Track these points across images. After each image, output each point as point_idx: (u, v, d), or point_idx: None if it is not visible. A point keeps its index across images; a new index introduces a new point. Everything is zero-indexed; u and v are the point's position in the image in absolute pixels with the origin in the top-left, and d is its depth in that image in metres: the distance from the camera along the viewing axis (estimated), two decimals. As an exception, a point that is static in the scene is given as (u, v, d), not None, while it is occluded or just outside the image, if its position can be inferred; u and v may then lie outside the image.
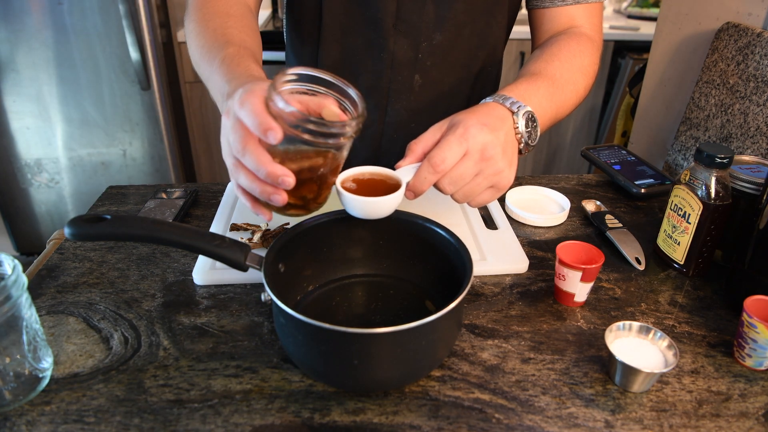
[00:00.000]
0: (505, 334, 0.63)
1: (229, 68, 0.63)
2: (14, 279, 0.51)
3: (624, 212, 0.90)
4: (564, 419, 0.52)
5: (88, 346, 0.60)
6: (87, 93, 2.00)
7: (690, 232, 0.70)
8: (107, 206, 0.90)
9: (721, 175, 0.67)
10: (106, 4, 1.86)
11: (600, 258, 0.66)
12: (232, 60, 0.64)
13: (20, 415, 0.52)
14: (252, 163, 0.51)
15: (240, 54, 0.66)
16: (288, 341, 0.53)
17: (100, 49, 1.93)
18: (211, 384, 0.55)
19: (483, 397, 0.55)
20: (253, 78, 0.60)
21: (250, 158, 0.51)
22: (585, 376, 0.57)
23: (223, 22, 0.73)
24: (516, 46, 2.39)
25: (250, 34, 0.73)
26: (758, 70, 0.90)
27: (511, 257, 0.75)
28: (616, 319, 0.66)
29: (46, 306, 0.66)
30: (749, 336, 0.57)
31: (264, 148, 0.52)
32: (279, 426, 0.51)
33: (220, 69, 0.64)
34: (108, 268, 0.73)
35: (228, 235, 0.63)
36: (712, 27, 1.12)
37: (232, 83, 0.60)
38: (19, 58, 1.93)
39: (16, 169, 2.13)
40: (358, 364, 0.51)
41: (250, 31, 0.74)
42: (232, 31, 0.71)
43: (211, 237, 0.55)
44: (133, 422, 0.51)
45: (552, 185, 0.98)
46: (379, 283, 0.68)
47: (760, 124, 0.87)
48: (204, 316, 0.65)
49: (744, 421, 0.53)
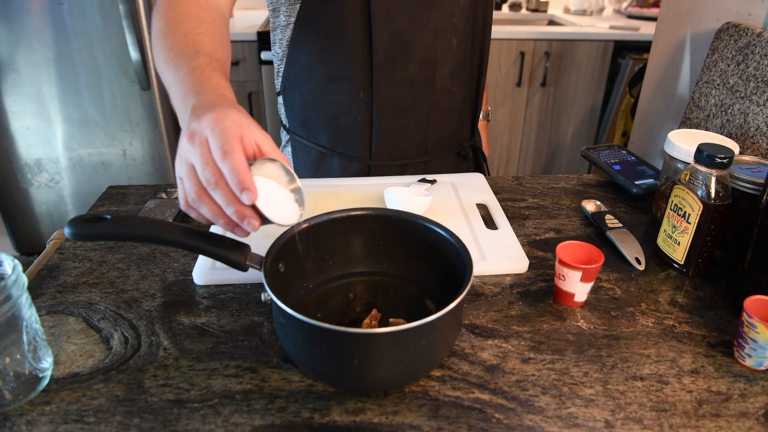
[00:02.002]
0: (505, 334, 0.63)
1: (199, 80, 0.61)
2: (14, 279, 0.51)
3: (624, 212, 0.90)
4: (564, 419, 0.52)
5: (88, 346, 0.60)
6: (87, 93, 2.00)
7: (690, 232, 0.70)
8: (107, 206, 0.90)
9: (721, 175, 0.67)
10: (106, 4, 1.86)
11: (600, 258, 0.66)
12: (202, 72, 0.62)
13: (20, 415, 0.52)
14: (222, 200, 0.51)
15: (211, 66, 0.63)
16: (288, 341, 0.53)
17: (100, 49, 1.93)
18: (211, 384, 0.55)
19: (483, 397, 0.55)
20: (224, 98, 0.58)
21: (222, 195, 0.50)
22: (585, 376, 0.57)
23: (195, 27, 0.70)
24: (516, 46, 2.39)
25: (221, 43, 0.71)
26: (758, 70, 0.90)
27: (511, 257, 0.75)
28: (616, 319, 0.66)
29: (46, 306, 0.66)
30: (749, 336, 0.57)
31: None
32: (279, 426, 0.51)
33: (188, 78, 0.62)
34: (108, 268, 0.73)
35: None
36: (712, 27, 1.12)
37: (200, 97, 0.58)
38: (19, 58, 1.93)
39: (16, 169, 2.13)
40: (358, 364, 0.51)
41: (221, 40, 0.71)
42: (203, 38, 0.69)
43: (211, 237, 0.55)
44: (133, 422, 0.51)
45: (552, 185, 0.98)
46: (379, 283, 0.68)
47: (760, 124, 0.87)
48: (204, 316, 0.65)
49: (744, 421, 0.53)
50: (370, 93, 0.91)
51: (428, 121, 0.97)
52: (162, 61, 0.68)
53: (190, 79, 0.61)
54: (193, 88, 0.60)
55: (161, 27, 0.71)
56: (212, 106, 0.54)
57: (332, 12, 0.86)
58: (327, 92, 0.93)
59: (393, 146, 0.97)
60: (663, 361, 0.60)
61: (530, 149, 2.67)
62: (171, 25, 0.70)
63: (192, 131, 0.52)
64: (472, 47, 0.96)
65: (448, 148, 1.03)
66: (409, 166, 1.00)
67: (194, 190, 0.52)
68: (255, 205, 0.51)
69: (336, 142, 0.97)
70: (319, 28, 0.88)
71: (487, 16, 0.96)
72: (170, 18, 0.71)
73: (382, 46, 0.87)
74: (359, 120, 0.94)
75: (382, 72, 0.89)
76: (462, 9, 0.90)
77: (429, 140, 0.99)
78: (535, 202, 0.93)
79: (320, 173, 1.00)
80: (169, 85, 0.65)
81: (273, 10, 0.94)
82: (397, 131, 0.95)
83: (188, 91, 0.60)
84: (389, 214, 0.67)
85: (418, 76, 0.92)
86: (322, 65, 0.91)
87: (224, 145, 0.50)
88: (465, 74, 0.97)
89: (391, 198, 0.82)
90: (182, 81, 0.62)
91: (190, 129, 0.52)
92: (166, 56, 0.67)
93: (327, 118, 0.95)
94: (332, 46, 0.89)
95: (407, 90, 0.92)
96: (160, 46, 0.69)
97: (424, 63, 0.91)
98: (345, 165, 0.98)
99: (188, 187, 0.53)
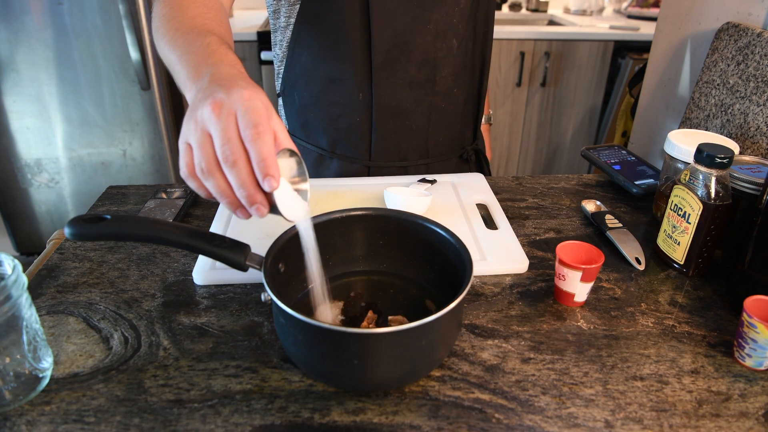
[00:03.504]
0: (505, 334, 0.63)
1: (215, 53, 0.58)
2: (14, 279, 0.51)
3: (624, 212, 0.90)
4: (564, 419, 0.52)
5: (88, 346, 0.60)
6: (87, 93, 2.00)
7: (690, 232, 0.70)
8: (107, 206, 0.90)
9: (721, 175, 0.67)
10: (106, 4, 1.86)
11: (600, 258, 0.66)
12: (218, 47, 0.59)
13: (20, 415, 0.52)
14: (236, 180, 0.48)
15: (225, 45, 0.61)
16: (288, 341, 0.53)
17: (100, 49, 1.93)
18: (211, 384, 0.55)
19: (483, 397, 0.55)
20: (244, 75, 0.56)
21: (237, 175, 0.48)
22: (585, 376, 0.57)
23: (203, 12, 0.69)
24: (516, 46, 2.39)
25: (227, 31, 0.70)
26: (758, 70, 0.90)
27: (511, 257, 0.75)
28: (616, 319, 0.66)
29: (46, 306, 0.66)
30: (749, 336, 0.57)
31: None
32: (279, 426, 0.51)
33: (203, 51, 0.59)
34: (108, 268, 0.73)
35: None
36: (712, 27, 1.12)
37: (220, 68, 0.55)
38: (19, 58, 1.93)
39: (16, 169, 2.13)
40: (358, 364, 0.51)
41: (227, 29, 0.70)
42: (212, 23, 0.67)
43: (211, 237, 0.55)
44: (133, 422, 0.51)
45: (552, 185, 0.98)
46: (379, 283, 0.68)
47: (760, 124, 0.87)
48: (204, 316, 0.65)
49: (744, 421, 0.53)
50: (369, 94, 0.91)
51: (429, 123, 0.97)
52: (168, 39, 0.65)
53: (205, 51, 0.59)
54: (210, 59, 0.57)
55: (166, 12, 0.69)
56: (237, 80, 0.52)
57: (332, 12, 0.86)
58: (327, 93, 0.93)
59: (393, 148, 0.97)
60: (663, 361, 0.60)
61: (530, 149, 2.67)
62: (177, 10, 0.68)
63: (219, 101, 0.49)
64: (473, 49, 0.96)
65: (450, 151, 1.03)
66: (409, 168, 1.00)
67: (205, 161, 0.49)
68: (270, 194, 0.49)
69: (335, 143, 0.97)
70: (318, 28, 0.88)
71: (488, 18, 0.96)
72: (175, 3, 0.69)
73: (381, 47, 0.87)
74: (359, 121, 0.94)
75: (382, 73, 0.89)
76: (463, 10, 0.90)
77: (430, 142, 0.99)
78: (535, 202, 0.93)
79: (319, 175, 1.00)
80: (177, 58, 0.62)
81: (273, 11, 0.94)
82: (397, 133, 0.95)
83: (204, 61, 0.57)
84: (389, 214, 0.67)
85: (418, 78, 0.91)
86: (322, 66, 0.91)
87: (258, 126, 0.48)
88: (466, 76, 0.97)
89: (391, 198, 0.82)
90: (195, 53, 0.59)
91: (217, 98, 0.49)
92: (173, 35, 0.65)
93: (327, 120, 0.95)
94: (332, 46, 0.89)
95: (407, 91, 0.92)
96: (165, 28, 0.67)
97: (424, 64, 0.91)
98: (344, 167, 0.98)
99: (199, 157, 0.49)
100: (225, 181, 0.49)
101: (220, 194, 0.50)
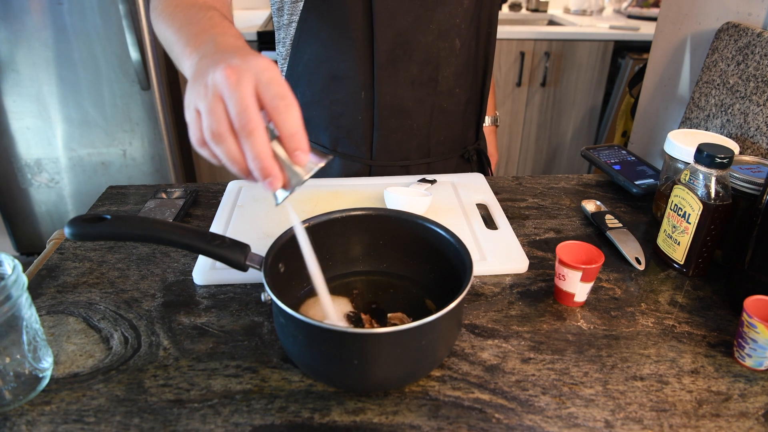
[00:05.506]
0: (505, 334, 0.63)
1: (220, 24, 0.56)
2: (14, 279, 0.51)
3: (624, 212, 0.90)
4: (564, 419, 0.52)
5: (88, 346, 0.60)
6: (87, 93, 2.01)
7: (690, 232, 0.70)
8: (107, 206, 0.90)
9: (721, 175, 0.67)
10: (106, 4, 1.86)
11: (600, 258, 0.66)
12: (221, 20, 0.58)
13: (20, 415, 0.52)
14: (252, 150, 0.46)
15: (227, 20, 0.59)
16: (288, 341, 0.53)
17: (100, 49, 1.93)
18: (211, 384, 0.55)
19: (483, 397, 0.55)
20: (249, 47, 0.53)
21: (253, 146, 0.45)
22: (585, 376, 0.57)
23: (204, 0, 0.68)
24: (516, 46, 2.39)
25: (229, 12, 0.68)
26: (758, 70, 0.90)
27: (511, 257, 0.75)
28: (616, 319, 0.66)
29: (46, 306, 0.66)
30: (749, 336, 0.57)
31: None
32: (279, 426, 0.51)
33: (206, 21, 0.57)
34: (108, 268, 0.73)
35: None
36: (712, 27, 1.12)
37: (225, 38, 0.53)
38: (19, 58, 1.93)
39: (16, 169, 2.13)
40: (358, 364, 0.51)
41: (228, 10, 0.69)
42: (213, 1, 0.67)
43: (211, 237, 0.55)
44: (133, 422, 0.51)
45: (552, 185, 0.98)
46: (380, 283, 0.68)
47: (760, 124, 0.87)
48: (204, 316, 0.65)
49: (744, 421, 0.53)
50: (371, 93, 0.91)
51: (431, 123, 0.97)
52: (168, 14, 0.62)
53: (207, 22, 0.57)
54: (213, 30, 0.55)
55: None
56: (246, 49, 0.50)
57: (335, 10, 0.86)
58: (329, 91, 0.93)
59: (394, 147, 0.97)
60: (663, 361, 0.60)
61: (530, 149, 2.67)
62: None
63: (236, 67, 0.46)
64: (476, 49, 0.96)
65: (452, 150, 1.03)
66: (411, 168, 1.00)
67: (216, 125, 0.46)
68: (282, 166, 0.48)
69: (337, 142, 0.97)
70: (322, 26, 0.89)
71: (492, 18, 0.96)
72: None
73: (384, 46, 0.87)
74: (360, 120, 0.94)
75: (384, 72, 0.89)
76: (466, 11, 0.90)
77: (432, 141, 0.99)
78: (535, 202, 0.93)
79: (320, 174, 1.00)
80: (176, 29, 0.59)
81: (277, 9, 0.94)
82: (398, 132, 0.95)
83: (206, 30, 0.55)
84: (389, 214, 0.67)
85: (420, 77, 0.91)
86: (325, 64, 0.91)
87: (286, 98, 0.45)
88: (469, 76, 0.97)
89: (391, 198, 0.82)
90: (196, 24, 0.57)
91: (232, 64, 0.46)
92: (172, 10, 0.62)
93: (329, 118, 0.95)
94: (335, 44, 0.89)
95: (409, 91, 0.92)
96: (164, 4, 0.65)
97: (426, 64, 0.91)
98: (346, 165, 0.98)
99: (209, 121, 0.46)
100: (237, 147, 0.47)
101: (232, 161, 0.47)
